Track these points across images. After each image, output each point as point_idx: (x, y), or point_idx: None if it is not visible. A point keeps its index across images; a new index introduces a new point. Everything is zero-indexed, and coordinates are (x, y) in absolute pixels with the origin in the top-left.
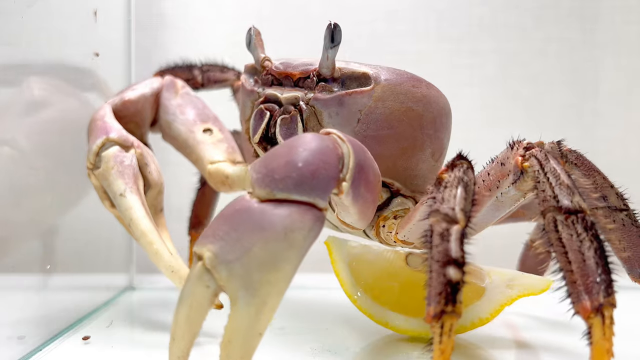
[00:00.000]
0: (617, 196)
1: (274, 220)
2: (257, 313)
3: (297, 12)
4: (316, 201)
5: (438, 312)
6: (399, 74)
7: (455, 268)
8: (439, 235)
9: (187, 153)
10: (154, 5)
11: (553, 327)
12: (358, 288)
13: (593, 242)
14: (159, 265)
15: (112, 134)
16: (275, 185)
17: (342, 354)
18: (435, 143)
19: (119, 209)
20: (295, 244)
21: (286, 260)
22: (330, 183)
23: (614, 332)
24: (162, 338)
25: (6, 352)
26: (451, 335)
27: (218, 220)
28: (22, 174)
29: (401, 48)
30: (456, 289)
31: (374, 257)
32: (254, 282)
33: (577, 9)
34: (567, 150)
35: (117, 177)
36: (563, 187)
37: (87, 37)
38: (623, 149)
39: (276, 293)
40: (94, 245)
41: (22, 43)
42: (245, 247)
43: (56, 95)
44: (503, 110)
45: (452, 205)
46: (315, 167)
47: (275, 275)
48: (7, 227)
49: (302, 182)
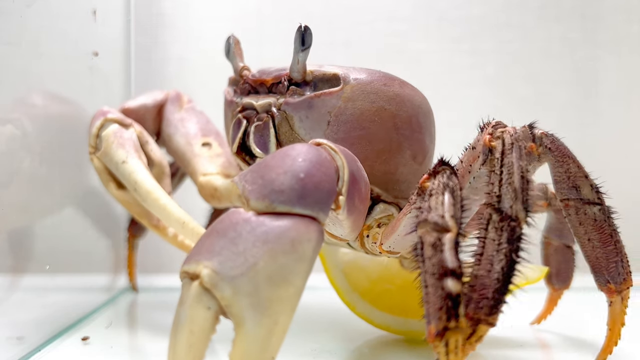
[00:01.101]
0: (592, 188)
1: (278, 232)
2: (269, 334)
3: (297, 12)
4: (319, 215)
5: (441, 330)
6: (369, 73)
7: (453, 279)
8: (430, 246)
9: (184, 165)
10: (153, 4)
11: (553, 327)
12: (355, 295)
13: (507, 257)
14: (169, 221)
15: (110, 115)
16: (276, 197)
17: (341, 354)
18: (415, 144)
19: (123, 177)
20: (305, 256)
21: (297, 274)
22: (331, 196)
23: (475, 348)
24: (161, 338)
25: (5, 353)
26: (459, 353)
27: (210, 236)
28: (21, 155)
29: (401, 48)
30: (457, 302)
31: (367, 262)
32: (263, 299)
33: (578, 8)
34: (542, 134)
35: (117, 148)
36: (510, 188)
37: (86, 36)
38: (623, 148)
39: (288, 311)
40: (94, 246)
41: (22, 43)
42: (249, 261)
43: (56, 95)
44: (503, 110)
45: (440, 213)
46: (317, 179)
47: (286, 290)
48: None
49: (306, 194)
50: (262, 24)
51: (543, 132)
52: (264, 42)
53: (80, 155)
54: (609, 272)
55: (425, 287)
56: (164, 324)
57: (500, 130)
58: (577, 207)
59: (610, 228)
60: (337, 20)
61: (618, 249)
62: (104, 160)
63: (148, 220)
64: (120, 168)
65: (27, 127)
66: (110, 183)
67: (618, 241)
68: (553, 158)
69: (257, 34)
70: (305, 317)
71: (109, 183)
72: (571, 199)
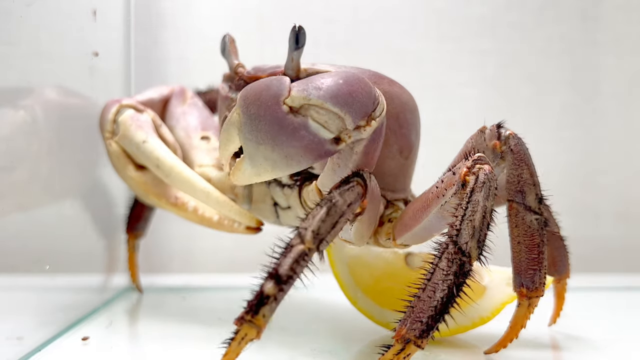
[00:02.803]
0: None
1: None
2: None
3: (297, 12)
4: (345, 117)
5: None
6: (360, 72)
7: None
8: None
9: (183, 156)
10: (153, 4)
11: (553, 326)
12: (358, 290)
13: (449, 290)
14: (195, 192)
15: (125, 101)
16: (314, 92)
17: (342, 354)
18: (402, 140)
19: (144, 156)
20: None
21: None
22: (363, 108)
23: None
24: (161, 338)
25: (5, 353)
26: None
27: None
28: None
29: (401, 48)
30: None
31: (373, 259)
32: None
33: (577, 8)
34: (510, 135)
35: (136, 129)
36: (470, 226)
37: (86, 36)
38: (623, 149)
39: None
40: (94, 246)
41: (22, 43)
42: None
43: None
44: (503, 110)
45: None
46: (354, 87)
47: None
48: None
49: (339, 94)
50: (262, 24)
51: (511, 132)
52: (264, 42)
53: (80, 155)
54: (526, 277)
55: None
56: (164, 324)
57: (477, 167)
58: (518, 211)
59: (540, 238)
60: (337, 20)
61: (540, 260)
62: (123, 143)
63: (166, 200)
64: (141, 147)
65: (38, 116)
66: (129, 165)
67: (542, 252)
68: (511, 159)
69: (257, 34)
70: (306, 317)
71: (127, 166)
72: (515, 201)
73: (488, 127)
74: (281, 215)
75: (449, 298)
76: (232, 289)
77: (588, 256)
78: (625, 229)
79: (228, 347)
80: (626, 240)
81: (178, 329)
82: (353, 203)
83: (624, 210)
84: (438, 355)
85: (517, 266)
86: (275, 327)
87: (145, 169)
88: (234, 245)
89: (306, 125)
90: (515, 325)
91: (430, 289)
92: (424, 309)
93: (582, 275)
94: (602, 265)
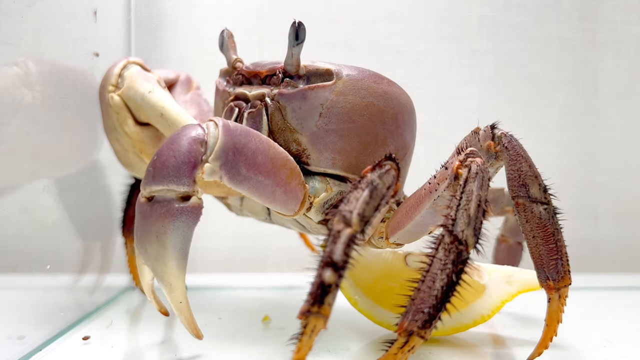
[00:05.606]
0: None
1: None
2: (169, 294)
3: (297, 12)
4: (170, 187)
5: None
6: (360, 71)
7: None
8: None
9: None
10: (153, 5)
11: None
12: (358, 290)
13: (448, 278)
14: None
15: (132, 58)
16: (145, 181)
17: (342, 354)
18: (398, 140)
19: (149, 106)
20: (167, 245)
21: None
22: (182, 167)
23: (407, 357)
24: (161, 338)
25: (6, 352)
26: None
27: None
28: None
29: (401, 48)
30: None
31: (371, 259)
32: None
33: (577, 9)
34: (502, 134)
35: (143, 81)
36: (465, 214)
37: (87, 37)
38: (623, 149)
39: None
40: (94, 245)
41: (22, 43)
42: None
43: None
44: (503, 110)
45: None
46: (164, 157)
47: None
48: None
49: (156, 173)
50: (262, 24)
51: (503, 132)
52: (264, 42)
53: (81, 154)
54: (549, 269)
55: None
56: (164, 324)
57: (470, 160)
58: (525, 205)
59: (553, 227)
60: (337, 20)
61: (559, 248)
62: (127, 95)
63: None
64: (146, 97)
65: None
66: (128, 120)
67: (559, 240)
68: (508, 157)
69: (257, 34)
70: None
71: (127, 120)
72: (520, 196)
73: (482, 128)
74: (272, 213)
75: (449, 286)
76: (231, 289)
77: (587, 256)
78: (624, 229)
79: (298, 342)
80: (625, 240)
81: (178, 328)
82: (391, 185)
83: (624, 211)
84: (439, 355)
85: (537, 261)
86: (275, 327)
87: (144, 125)
88: (234, 245)
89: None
90: (552, 322)
91: (429, 279)
92: (425, 299)
93: (582, 275)
94: (602, 265)
